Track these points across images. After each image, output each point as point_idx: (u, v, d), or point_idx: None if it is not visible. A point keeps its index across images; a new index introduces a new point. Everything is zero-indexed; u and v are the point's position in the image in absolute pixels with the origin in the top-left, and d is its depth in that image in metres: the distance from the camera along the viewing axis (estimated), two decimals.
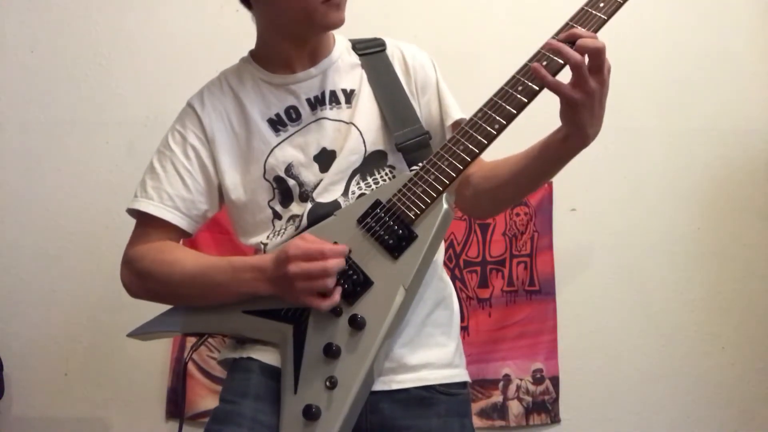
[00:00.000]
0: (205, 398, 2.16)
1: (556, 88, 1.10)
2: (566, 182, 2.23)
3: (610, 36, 1.16)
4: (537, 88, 1.13)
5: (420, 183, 1.18)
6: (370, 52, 1.41)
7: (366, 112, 1.35)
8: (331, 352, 1.14)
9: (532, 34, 1.26)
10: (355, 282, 1.16)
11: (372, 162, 1.32)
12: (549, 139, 1.20)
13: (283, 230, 1.31)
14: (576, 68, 1.08)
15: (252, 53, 1.42)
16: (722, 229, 2.37)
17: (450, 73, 1.48)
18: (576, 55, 1.08)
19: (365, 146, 1.32)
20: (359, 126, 1.33)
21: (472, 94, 1.30)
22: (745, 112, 2.42)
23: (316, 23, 1.28)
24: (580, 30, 1.12)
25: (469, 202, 1.37)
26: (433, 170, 1.18)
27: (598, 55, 1.08)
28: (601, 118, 1.14)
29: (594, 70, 1.08)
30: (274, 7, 1.29)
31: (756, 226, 2.37)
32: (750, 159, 2.39)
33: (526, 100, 1.14)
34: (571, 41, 1.10)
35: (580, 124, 1.12)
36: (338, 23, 1.29)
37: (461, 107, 1.41)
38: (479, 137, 1.16)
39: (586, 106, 1.10)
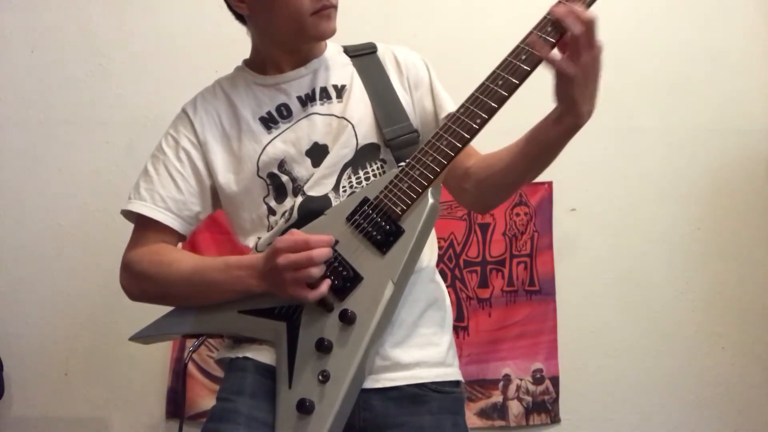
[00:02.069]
0: (204, 398, 2.17)
1: (552, 60, 1.11)
2: (566, 182, 2.23)
3: (611, 36, 1.16)
4: (517, 82, 1.15)
5: (405, 179, 1.19)
6: (361, 53, 1.44)
7: (357, 105, 1.36)
8: (323, 347, 1.15)
9: None
10: (345, 278, 1.17)
11: (364, 155, 1.33)
12: (544, 121, 1.21)
13: (276, 224, 1.32)
14: (573, 39, 1.08)
15: (246, 62, 1.46)
16: (722, 229, 2.37)
17: (449, 73, 1.49)
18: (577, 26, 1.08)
19: (357, 139, 1.34)
20: (351, 119, 1.35)
21: None
22: (745, 112, 2.42)
23: (308, 34, 1.32)
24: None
25: (471, 194, 1.37)
26: (417, 166, 1.19)
27: (590, 28, 1.08)
28: (594, 98, 1.14)
29: (585, 44, 1.09)
30: (267, 21, 1.34)
31: (756, 226, 2.37)
32: (750, 159, 2.39)
33: (506, 94, 1.15)
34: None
35: (573, 99, 1.12)
36: (329, 33, 1.33)
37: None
38: (462, 132, 1.17)
39: (579, 82, 1.10)
